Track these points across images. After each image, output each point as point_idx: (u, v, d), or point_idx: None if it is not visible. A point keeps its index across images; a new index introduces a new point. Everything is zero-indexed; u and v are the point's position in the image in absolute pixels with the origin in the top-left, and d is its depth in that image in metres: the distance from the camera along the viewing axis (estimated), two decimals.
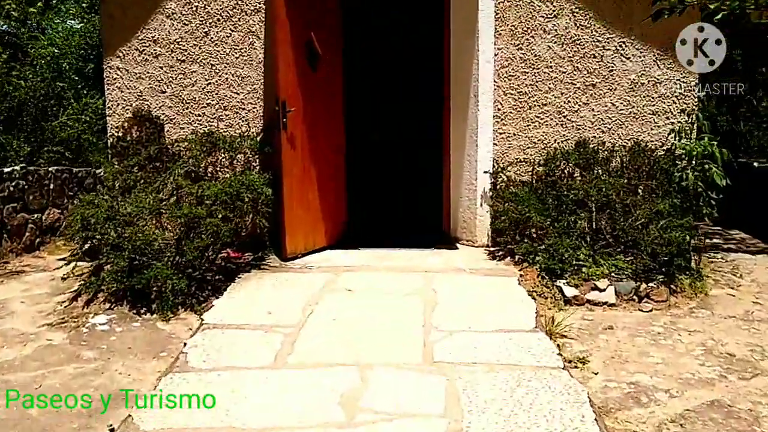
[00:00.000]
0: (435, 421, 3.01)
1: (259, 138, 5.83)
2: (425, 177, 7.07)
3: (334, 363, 3.58)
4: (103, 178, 5.81)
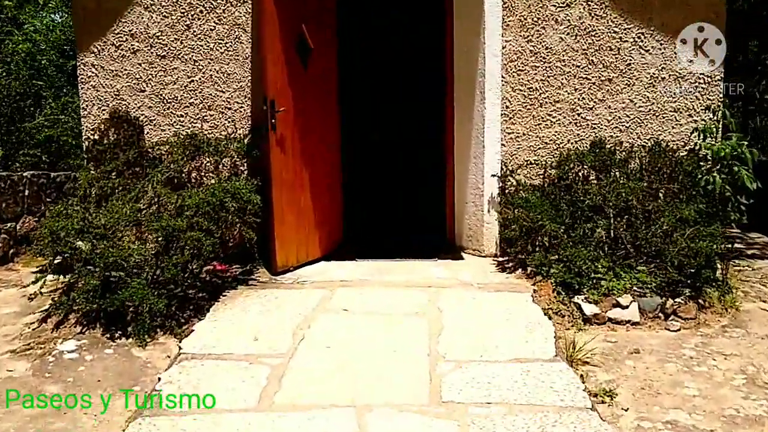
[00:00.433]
0: None
1: (246, 140, 5.37)
2: (425, 177, 6.69)
3: (327, 404, 3.11)
4: (76, 186, 5.34)
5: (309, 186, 5.25)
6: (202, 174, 5.44)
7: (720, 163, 4.92)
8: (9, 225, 5.90)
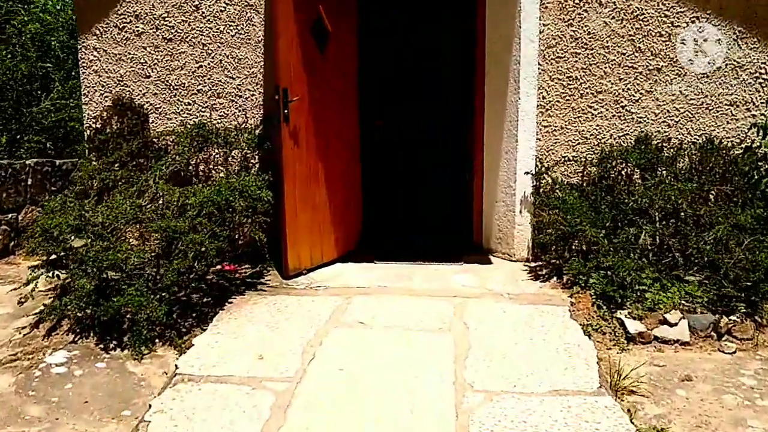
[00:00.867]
0: None
1: (258, 131, 4.95)
2: (444, 176, 6.23)
3: None
4: (77, 178, 4.97)
5: (324, 182, 4.83)
6: (210, 167, 5.05)
7: None
8: (10, 216, 5.55)
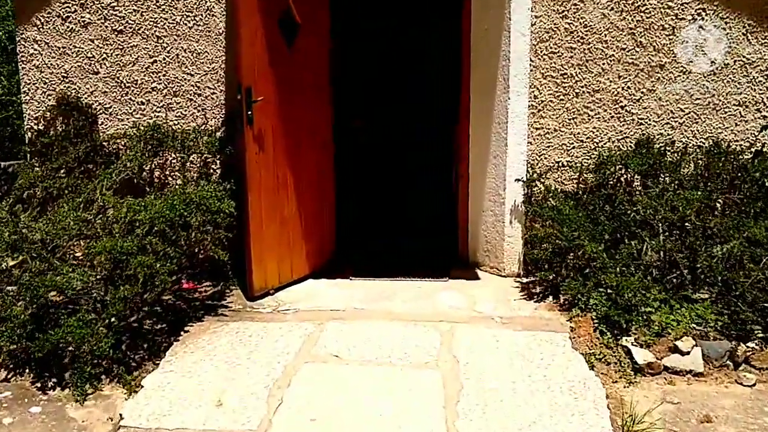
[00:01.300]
0: None
1: (219, 133, 4.46)
2: (432, 178, 5.88)
3: None
4: (16, 186, 4.44)
5: (294, 190, 4.35)
6: (167, 173, 4.54)
7: None
8: None
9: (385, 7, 6.05)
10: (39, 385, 3.35)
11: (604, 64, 4.29)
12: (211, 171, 4.50)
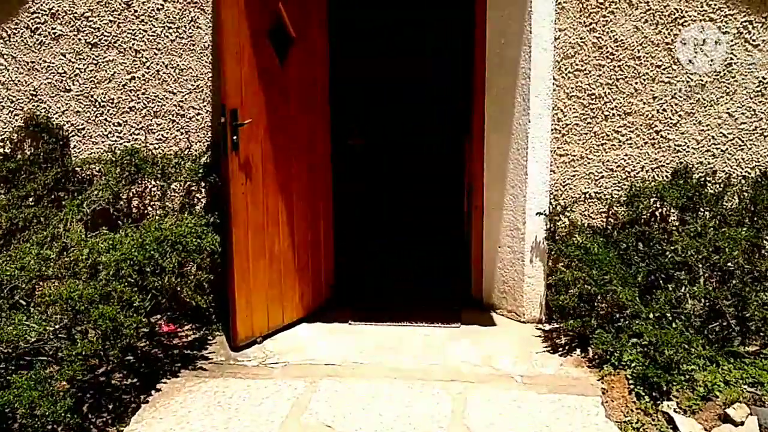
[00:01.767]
0: None
1: (204, 158, 3.99)
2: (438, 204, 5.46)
3: None
4: None
5: (287, 223, 3.87)
6: (146, 203, 4.08)
7: None
8: None
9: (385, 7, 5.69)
10: None
11: (636, 83, 3.80)
12: (195, 201, 4.03)
